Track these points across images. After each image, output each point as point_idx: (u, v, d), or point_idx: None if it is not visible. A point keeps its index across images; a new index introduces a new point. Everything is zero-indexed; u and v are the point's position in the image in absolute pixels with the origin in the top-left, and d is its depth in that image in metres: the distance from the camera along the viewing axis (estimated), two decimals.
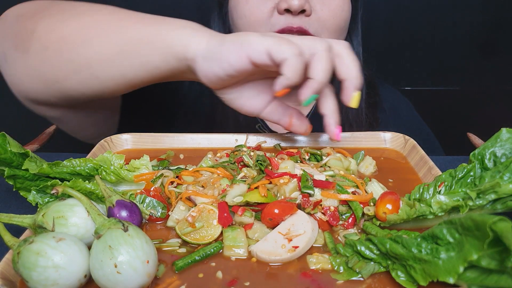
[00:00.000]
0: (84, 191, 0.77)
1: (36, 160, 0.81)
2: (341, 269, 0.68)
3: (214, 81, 0.88)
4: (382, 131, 1.12)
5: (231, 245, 0.72)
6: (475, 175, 0.79)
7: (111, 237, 0.62)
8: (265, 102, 0.95)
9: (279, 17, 1.13)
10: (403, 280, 0.64)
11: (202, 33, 0.88)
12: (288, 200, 0.78)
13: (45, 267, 0.60)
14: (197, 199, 0.80)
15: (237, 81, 0.91)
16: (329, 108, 0.89)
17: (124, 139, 1.12)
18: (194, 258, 0.70)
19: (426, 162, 0.96)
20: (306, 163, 0.94)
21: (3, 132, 0.78)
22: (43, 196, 0.79)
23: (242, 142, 1.07)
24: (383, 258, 0.67)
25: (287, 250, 0.70)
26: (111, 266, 0.60)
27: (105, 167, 0.84)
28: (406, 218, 0.73)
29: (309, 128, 0.97)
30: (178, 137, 1.12)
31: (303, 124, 0.96)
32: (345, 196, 0.79)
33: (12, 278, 0.65)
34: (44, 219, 0.69)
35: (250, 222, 0.76)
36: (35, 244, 0.61)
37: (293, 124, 0.95)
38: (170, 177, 0.88)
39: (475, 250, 0.55)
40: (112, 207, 0.73)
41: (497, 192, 0.69)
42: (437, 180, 0.80)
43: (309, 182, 0.81)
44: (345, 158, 0.95)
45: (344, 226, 0.78)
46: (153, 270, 0.63)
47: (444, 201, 0.71)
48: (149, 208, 0.80)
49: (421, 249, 0.62)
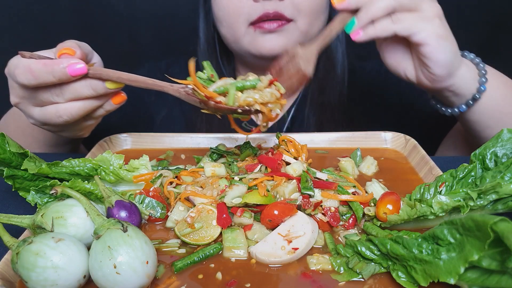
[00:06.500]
0: (83, 191, 0.77)
1: (35, 160, 0.80)
2: (341, 270, 0.68)
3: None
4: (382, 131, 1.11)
5: (230, 246, 0.72)
6: (476, 175, 0.78)
7: (111, 238, 0.62)
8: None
9: (255, 5, 1.17)
10: (403, 281, 0.63)
11: None
12: (288, 201, 0.78)
13: (44, 268, 0.59)
14: (196, 199, 0.79)
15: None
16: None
17: (123, 139, 1.12)
18: (193, 259, 0.70)
19: (427, 162, 0.96)
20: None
21: (2, 132, 0.78)
22: (42, 196, 0.79)
23: (242, 142, 1.07)
24: (383, 259, 0.67)
25: (287, 252, 0.69)
26: (110, 267, 0.59)
27: (104, 167, 0.83)
28: (407, 218, 0.72)
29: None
30: (178, 137, 1.11)
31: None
32: (345, 197, 0.79)
33: (11, 279, 0.65)
34: (43, 219, 0.68)
35: (249, 223, 0.75)
36: (34, 244, 0.61)
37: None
38: (169, 177, 0.87)
39: (476, 251, 0.55)
40: (111, 208, 0.73)
41: (498, 192, 0.69)
42: (438, 180, 0.80)
43: (309, 183, 0.80)
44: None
45: (345, 227, 0.78)
46: (153, 271, 0.63)
47: (445, 201, 0.71)
48: (148, 208, 0.80)
49: (422, 249, 0.62)
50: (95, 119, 0.91)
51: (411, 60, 1.00)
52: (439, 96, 1.06)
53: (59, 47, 0.85)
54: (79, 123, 0.90)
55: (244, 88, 0.78)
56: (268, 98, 0.78)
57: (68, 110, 0.83)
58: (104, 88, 0.82)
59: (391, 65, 1.03)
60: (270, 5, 1.16)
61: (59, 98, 0.83)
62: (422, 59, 0.94)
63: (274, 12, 1.16)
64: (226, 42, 1.33)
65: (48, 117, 0.85)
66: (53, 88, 0.82)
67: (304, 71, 0.88)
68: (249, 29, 1.20)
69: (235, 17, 1.21)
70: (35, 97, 0.84)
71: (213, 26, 1.37)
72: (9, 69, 0.83)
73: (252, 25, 1.19)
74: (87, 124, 0.92)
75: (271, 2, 1.16)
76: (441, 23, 0.93)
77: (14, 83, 0.84)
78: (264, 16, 1.17)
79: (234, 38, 1.25)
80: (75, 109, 0.83)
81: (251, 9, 1.17)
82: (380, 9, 0.90)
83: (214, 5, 1.27)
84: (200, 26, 1.40)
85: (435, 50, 0.92)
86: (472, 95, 1.01)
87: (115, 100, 0.87)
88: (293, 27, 1.20)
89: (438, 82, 0.97)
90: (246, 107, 0.77)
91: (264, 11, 1.16)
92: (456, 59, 0.96)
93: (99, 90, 0.82)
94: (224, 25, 1.26)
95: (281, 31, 1.19)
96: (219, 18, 1.27)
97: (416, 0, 0.92)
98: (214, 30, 1.37)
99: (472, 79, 1.00)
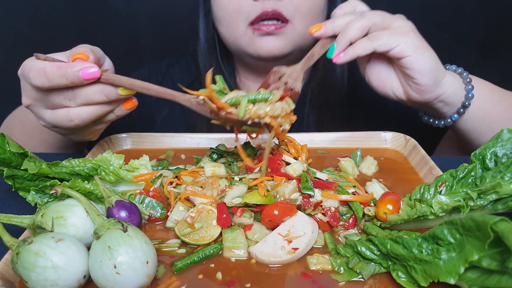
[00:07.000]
0: (83, 191, 0.77)
1: (35, 160, 0.80)
2: (341, 270, 0.68)
3: None
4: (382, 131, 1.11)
5: (230, 246, 0.72)
6: (476, 175, 0.78)
7: (110, 238, 0.62)
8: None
9: (254, 4, 1.18)
10: (403, 281, 0.63)
11: None
12: (288, 201, 0.78)
13: (44, 268, 0.59)
14: (196, 199, 0.79)
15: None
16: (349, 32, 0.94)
17: (123, 139, 1.12)
18: (193, 259, 0.70)
19: (427, 162, 0.96)
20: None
21: (2, 132, 0.78)
22: (42, 196, 0.79)
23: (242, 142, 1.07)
24: (383, 259, 0.67)
25: (287, 252, 0.69)
26: (110, 267, 0.59)
27: (104, 167, 0.83)
28: (407, 218, 0.72)
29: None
30: (178, 137, 1.11)
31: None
32: (345, 197, 0.79)
33: (11, 279, 0.65)
34: (43, 219, 0.68)
35: (249, 223, 0.75)
36: (34, 244, 0.61)
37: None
38: (169, 177, 0.87)
39: (476, 251, 0.55)
40: (111, 208, 0.73)
41: (498, 192, 0.69)
42: (438, 180, 0.80)
43: (309, 183, 0.80)
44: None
45: (345, 227, 0.78)
46: (153, 271, 0.63)
47: (445, 201, 0.71)
48: (148, 208, 0.80)
49: (422, 249, 0.62)
50: (105, 123, 0.92)
51: (396, 78, 1.02)
52: (430, 109, 1.07)
53: (73, 51, 0.86)
54: (89, 127, 0.91)
55: (256, 101, 0.78)
56: (279, 111, 0.78)
57: (79, 115, 0.84)
58: (116, 94, 0.83)
59: (377, 86, 1.05)
60: (269, 4, 1.18)
61: (71, 102, 0.84)
62: (406, 71, 0.96)
63: (272, 10, 1.18)
64: (225, 42, 1.33)
65: (59, 121, 0.86)
66: (65, 91, 0.83)
67: (293, 88, 0.89)
68: (248, 30, 1.21)
69: (234, 16, 1.22)
70: (47, 100, 0.85)
71: (212, 26, 1.37)
72: (23, 70, 0.84)
73: (251, 26, 1.20)
74: (97, 128, 0.93)
75: (270, 1, 1.18)
76: (416, 35, 0.95)
77: (27, 85, 0.85)
78: (263, 15, 1.18)
79: (233, 37, 1.26)
80: (86, 114, 0.84)
81: (251, 8, 1.19)
82: (356, 30, 0.93)
83: (214, 4, 1.28)
84: (200, 26, 1.41)
85: (415, 60, 0.93)
86: (462, 103, 1.03)
87: (126, 106, 0.88)
88: (290, 29, 1.21)
89: (427, 93, 0.98)
90: (256, 119, 0.77)
91: (263, 9, 1.17)
92: (439, 66, 0.98)
93: (111, 96, 0.83)
94: (223, 24, 1.26)
95: (278, 33, 1.20)
96: (218, 17, 1.28)
97: (388, 19, 0.95)
98: (214, 30, 1.38)
99: (459, 87, 1.02)
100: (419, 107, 1.09)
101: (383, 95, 1.06)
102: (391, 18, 0.96)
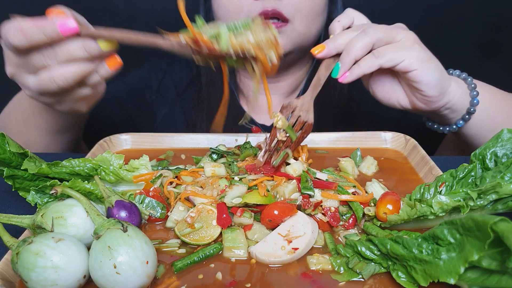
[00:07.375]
0: (83, 191, 0.77)
1: (35, 160, 0.80)
2: (341, 270, 0.68)
3: None
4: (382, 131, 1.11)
5: (230, 246, 0.72)
6: (476, 175, 0.78)
7: (110, 238, 0.62)
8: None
9: (254, 3, 1.19)
10: (403, 281, 0.63)
11: None
12: (288, 201, 0.78)
13: (44, 268, 0.59)
14: (196, 199, 0.79)
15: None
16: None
17: (123, 139, 1.12)
18: (193, 259, 0.70)
19: (427, 162, 0.96)
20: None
21: (2, 132, 0.78)
22: (42, 196, 0.79)
23: (242, 142, 1.07)
24: (383, 259, 0.67)
25: (287, 252, 0.69)
26: (110, 267, 0.59)
27: (104, 167, 0.83)
28: (407, 218, 0.72)
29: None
30: (178, 137, 1.11)
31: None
32: (345, 197, 0.79)
33: (11, 279, 0.65)
34: (43, 219, 0.68)
35: (249, 223, 0.75)
36: (34, 244, 0.61)
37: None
38: (169, 177, 0.87)
39: (476, 251, 0.55)
40: (111, 208, 0.73)
41: (498, 192, 0.69)
42: (438, 180, 0.80)
43: (309, 183, 0.80)
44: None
45: (345, 227, 0.78)
46: (153, 271, 0.63)
47: (445, 201, 0.71)
48: (148, 208, 0.80)
49: (422, 249, 0.62)
50: (91, 87, 0.89)
51: (401, 89, 1.02)
52: (436, 116, 1.07)
53: (48, 11, 0.84)
54: (75, 91, 0.89)
55: (236, 28, 0.76)
56: (262, 39, 0.76)
57: (62, 74, 0.82)
58: (97, 48, 0.81)
59: (383, 98, 1.05)
60: (269, 3, 1.18)
61: (52, 61, 0.81)
62: (413, 85, 0.96)
63: (272, 10, 1.18)
64: None
65: (43, 84, 0.84)
66: (45, 49, 0.81)
67: (307, 121, 0.89)
68: None
69: (234, 16, 1.22)
70: (29, 64, 0.83)
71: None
72: (2, 34, 0.82)
73: None
74: (83, 93, 0.90)
75: (271, 1, 1.18)
76: (421, 47, 0.95)
77: (9, 52, 0.84)
78: (263, 14, 1.18)
79: None
80: (69, 73, 0.82)
81: (251, 7, 1.19)
82: (360, 49, 0.92)
83: (214, 4, 1.28)
84: None
85: (422, 73, 0.93)
86: (467, 109, 1.03)
87: (110, 64, 0.85)
88: (290, 29, 1.21)
89: (434, 103, 0.99)
90: (241, 52, 0.75)
91: (263, 9, 1.18)
92: (445, 77, 0.98)
93: (93, 50, 0.81)
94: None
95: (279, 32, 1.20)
96: (219, 16, 1.28)
97: (391, 33, 0.94)
98: None
99: (464, 93, 1.02)
100: (424, 114, 1.09)
101: (387, 105, 1.06)
102: (393, 30, 0.95)
